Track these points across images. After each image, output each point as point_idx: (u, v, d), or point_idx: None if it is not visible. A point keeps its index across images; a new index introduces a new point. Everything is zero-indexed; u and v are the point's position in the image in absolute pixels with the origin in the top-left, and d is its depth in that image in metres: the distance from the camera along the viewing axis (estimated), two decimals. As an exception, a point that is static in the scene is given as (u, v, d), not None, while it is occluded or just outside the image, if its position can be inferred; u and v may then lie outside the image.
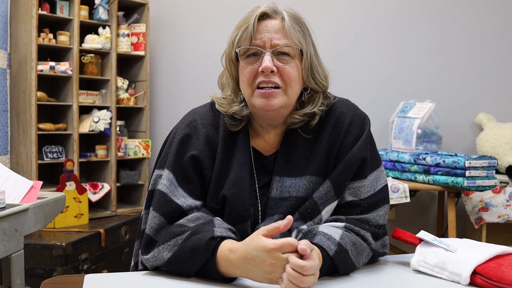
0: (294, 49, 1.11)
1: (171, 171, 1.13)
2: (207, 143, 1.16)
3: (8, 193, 1.39)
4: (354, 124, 1.17)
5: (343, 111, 1.20)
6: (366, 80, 3.05)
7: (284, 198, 1.13)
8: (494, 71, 3.03)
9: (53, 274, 2.10)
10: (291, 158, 1.16)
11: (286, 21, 1.12)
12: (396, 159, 2.53)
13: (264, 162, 1.19)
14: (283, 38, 1.11)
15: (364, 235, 1.08)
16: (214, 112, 1.21)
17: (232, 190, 1.13)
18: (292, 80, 1.11)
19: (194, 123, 1.19)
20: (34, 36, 2.44)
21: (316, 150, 1.16)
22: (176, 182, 1.12)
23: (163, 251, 1.03)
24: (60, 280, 1.03)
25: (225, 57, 1.18)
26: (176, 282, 0.99)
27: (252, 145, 1.19)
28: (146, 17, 2.88)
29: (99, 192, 2.69)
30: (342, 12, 3.06)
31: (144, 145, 2.87)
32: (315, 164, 1.14)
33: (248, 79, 1.12)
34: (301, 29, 1.15)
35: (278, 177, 1.15)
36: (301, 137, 1.17)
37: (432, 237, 1.05)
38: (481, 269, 0.93)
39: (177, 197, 1.11)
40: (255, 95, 1.12)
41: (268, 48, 1.10)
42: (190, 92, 3.08)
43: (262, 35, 1.11)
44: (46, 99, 2.57)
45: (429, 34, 3.03)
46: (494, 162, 2.25)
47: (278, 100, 1.10)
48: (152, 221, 1.09)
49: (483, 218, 2.54)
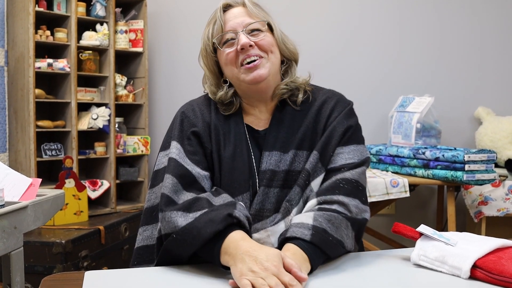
0: (263, 22, 1.23)
1: (178, 142, 1.22)
2: (204, 121, 1.25)
3: (7, 190, 1.38)
4: (340, 104, 1.27)
5: (329, 96, 1.29)
6: (365, 75, 3.04)
7: (274, 171, 1.18)
8: (492, 65, 3.03)
9: (53, 271, 2.10)
10: (279, 134, 1.23)
11: (248, 5, 1.24)
12: (395, 154, 2.53)
13: (256, 136, 1.26)
14: (249, 18, 1.23)
15: (334, 206, 1.11)
16: (208, 100, 1.31)
17: (232, 163, 1.20)
18: (270, 46, 1.22)
19: (190, 106, 1.30)
20: (32, 33, 2.43)
21: (302, 126, 1.23)
22: (184, 153, 1.20)
23: (180, 217, 1.07)
24: (60, 277, 1.03)
25: (202, 55, 1.29)
26: (176, 278, 0.99)
27: (245, 122, 1.27)
28: (143, 14, 2.87)
29: (98, 189, 2.69)
30: (341, 7, 3.05)
31: (143, 141, 2.86)
32: (299, 139, 1.21)
33: (231, 60, 1.22)
34: (262, 9, 1.27)
35: (267, 152, 1.21)
36: (289, 113, 1.25)
37: (432, 231, 1.05)
38: (481, 262, 0.93)
39: (187, 164, 1.18)
40: (242, 71, 1.21)
41: (240, 28, 1.21)
42: (189, 88, 3.07)
43: (231, 22, 1.23)
44: (44, 96, 2.56)
45: (427, 28, 3.03)
46: (493, 155, 2.25)
47: (265, 69, 1.21)
48: (166, 181, 1.15)
49: (482, 212, 2.54)
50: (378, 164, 2.64)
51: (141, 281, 0.99)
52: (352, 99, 1.32)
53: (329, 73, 2.99)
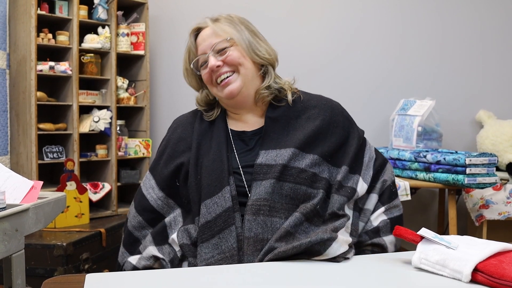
0: (226, 40, 1.32)
1: (151, 173, 1.41)
2: (185, 140, 1.37)
3: (9, 193, 1.38)
4: (337, 110, 1.38)
5: (323, 101, 1.39)
6: (366, 78, 3.04)
7: (270, 165, 1.23)
8: (494, 68, 3.03)
9: (54, 274, 2.10)
10: (275, 134, 1.29)
11: (212, 26, 1.35)
12: (396, 157, 2.53)
13: (243, 137, 1.34)
14: (215, 38, 1.33)
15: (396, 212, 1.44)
16: (195, 112, 1.45)
17: (212, 166, 1.27)
18: (236, 60, 1.31)
19: (175, 127, 1.44)
20: (33, 36, 2.44)
21: (303, 128, 1.30)
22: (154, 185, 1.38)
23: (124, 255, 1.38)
24: (61, 280, 1.03)
25: (184, 76, 1.45)
26: (178, 281, 0.99)
27: (231, 128, 1.37)
28: (145, 16, 2.88)
29: (99, 191, 2.69)
30: (342, 10, 3.06)
31: (145, 144, 2.87)
32: (300, 140, 1.27)
33: (208, 81, 1.36)
34: (229, 23, 1.35)
35: (263, 150, 1.26)
36: (283, 112, 1.33)
37: (433, 235, 1.05)
38: (482, 266, 0.93)
39: (151, 197, 1.37)
40: (218, 89, 1.34)
41: (208, 51, 1.33)
42: (190, 91, 3.06)
43: (201, 46, 1.35)
44: (46, 99, 2.57)
45: (429, 31, 3.03)
46: (494, 159, 2.24)
47: (236, 84, 1.31)
48: (131, 214, 1.41)
49: (483, 216, 2.54)
50: (379, 167, 2.64)
51: (142, 284, 0.99)
52: (353, 102, 1.34)
53: (330, 76, 2.99)
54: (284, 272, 1.02)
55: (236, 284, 0.95)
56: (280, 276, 1.00)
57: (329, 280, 0.98)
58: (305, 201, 1.21)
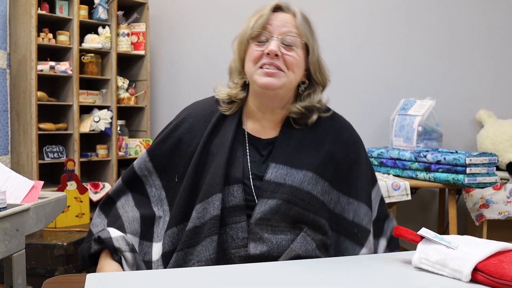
0: (299, 40, 1.21)
1: (149, 155, 1.38)
2: (192, 131, 1.28)
3: (9, 193, 1.39)
4: (356, 143, 1.32)
5: (343, 126, 1.32)
6: (367, 78, 3.04)
7: (279, 183, 1.17)
8: (494, 68, 3.03)
9: (54, 274, 2.10)
10: (288, 148, 1.22)
11: (298, 17, 1.23)
12: (397, 157, 2.53)
13: (257, 144, 1.26)
14: (292, 28, 1.21)
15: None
16: (211, 104, 1.31)
17: (211, 169, 1.21)
18: (294, 66, 1.20)
19: (190, 117, 1.32)
20: (34, 36, 2.44)
21: (317, 151, 1.23)
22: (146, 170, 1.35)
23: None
24: (61, 280, 1.03)
25: (237, 40, 1.26)
26: (179, 280, 0.99)
27: (246, 129, 1.27)
28: (145, 16, 2.88)
29: (100, 191, 2.69)
30: (344, 11, 3.06)
31: (145, 144, 2.87)
32: (315, 164, 1.21)
33: (254, 59, 1.21)
34: (309, 28, 1.25)
35: (274, 163, 1.20)
36: (301, 132, 1.25)
37: (433, 234, 1.05)
38: (482, 265, 0.93)
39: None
40: (258, 73, 1.20)
41: (276, 35, 1.20)
42: (191, 91, 3.08)
43: (273, 23, 1.21)
44: (46, 99, 2.57)
45: (429, 32, 3.03)
46: (494, 159, 2.24)
47: (279, 81, 1.19)
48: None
49: (483, 215, 2.54)
50: (379, 167, 2.64)
51: (142, 283, 0.99)
52: (354, 102, 1.34)
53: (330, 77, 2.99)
54: (284, 272, 1.03)
55: (237, 284, 0.95)
56: (280, 276, 1.00)
57: (329, 280, 0.98)
58: (311, 227, 1.18)
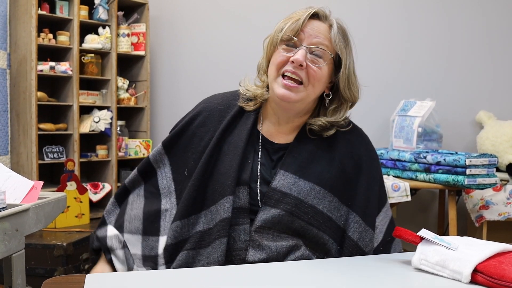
0: (328, 54, 1.18)
1: (164, 148, 1.32)
2: (206, 125, 1.26)
3: (9, 193, 1.38)
4: (370, 159, 1.27)
5: (359, 140, 1.28)
6: (367, 79, 3.02)
7: (285, 193, 1.15)
8: (494, 69, 3.03)
9: (54, 274, 2.10)
10: (299, 157, 1.19)
11: (334, 29, 1.19)
12: (397, 158, 2.53)
13: (269, 148, 1.23)
14: (324, 40, 1.18)
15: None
16: (229, 99, 1.29)
17: (221, 169, 1.19)
18: (316, 80, 1.17)
19: (208, 109, 1.29)
20: (34, 36, 2.44)
21: (329, 165, 1.20)
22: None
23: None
24: (61, 280, 1.03)
25: (268, 40, 1.23)
26: (179, 281, 0.99)
27: (261, 131, 1.25)
28: (146, 17, 2.88)
29: (100, 192, 2.69)
30: (344, 11, 3.05)
31: (145, 145, 2.87)
32: (324, 177, 1.18)
33: (278, 64, 1.17)
34: (344, 41, 1.22)
35: (283, 171, 1.17)
36: (315, 142, 1.22)
37: (433, 235, 1.05)
38: (482, 267, 0.93)
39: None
40: (278, 82, 1.17)
41: (305, 44, 1.16)
42: (191, 91, 3.08)
43: (306, 31, 1.17)
44: (46, 99, 2.57)
45: (429, 32, 3.03)
46: (494, 160, 2.24)
47: (297, 96, 1.16)
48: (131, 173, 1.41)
49: (483, 216, 2.54)
50: (379, 168, 2.64)
51: (142, 284, 0.99)
52: (354, 103, 1.32)
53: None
54: (283, 272, 1.03)
55: (239, 285, 0.95)
56: (280, 276, 1.00)
57: (329, 280, 0.98)
58: (313, 243, 1.17)
